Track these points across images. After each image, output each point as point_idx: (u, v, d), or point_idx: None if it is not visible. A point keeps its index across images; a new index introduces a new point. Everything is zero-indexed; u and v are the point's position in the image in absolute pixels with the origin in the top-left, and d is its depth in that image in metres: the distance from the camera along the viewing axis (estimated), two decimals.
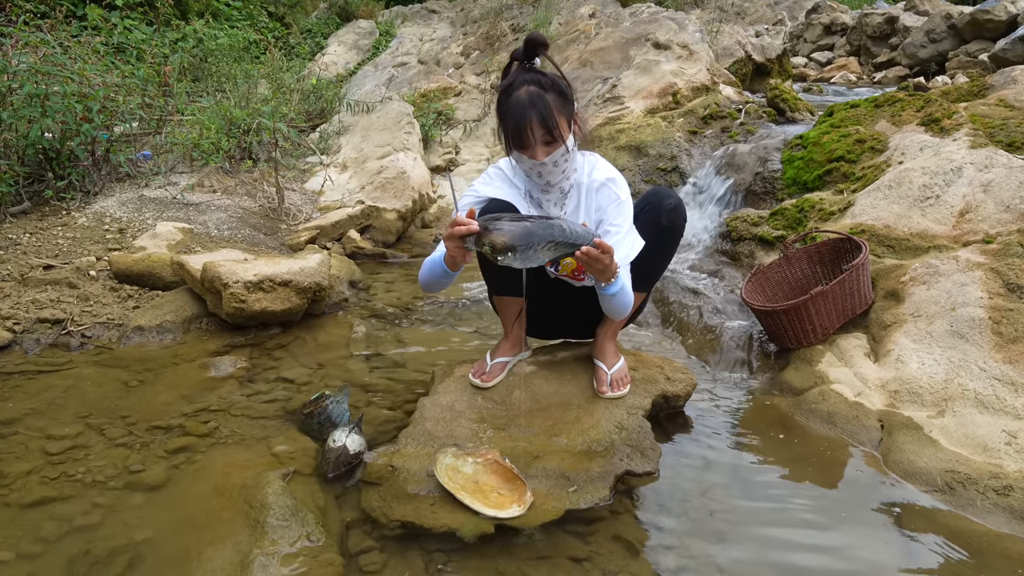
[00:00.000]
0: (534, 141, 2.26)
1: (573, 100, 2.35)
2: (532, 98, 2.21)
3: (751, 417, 3.00)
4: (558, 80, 2.29)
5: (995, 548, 2.15)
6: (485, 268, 2.69)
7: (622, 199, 2.42)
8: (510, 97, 2.25)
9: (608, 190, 2.44)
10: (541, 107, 2.21)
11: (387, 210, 5.53)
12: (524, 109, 2.21)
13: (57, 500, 2.21)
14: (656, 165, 5.62)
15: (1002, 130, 4.18)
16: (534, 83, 2.23)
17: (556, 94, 2.25)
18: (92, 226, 4.53)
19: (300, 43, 10.89)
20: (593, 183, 2.46)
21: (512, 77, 2.28)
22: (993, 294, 2.98)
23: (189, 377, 3.09)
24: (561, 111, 2.27)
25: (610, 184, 2.44)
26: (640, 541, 2.18)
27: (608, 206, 2.44)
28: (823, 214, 4.05)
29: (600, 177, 2.46)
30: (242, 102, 6.35)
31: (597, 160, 2.53)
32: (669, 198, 2.59)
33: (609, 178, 2.45)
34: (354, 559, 2.04)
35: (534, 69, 2.27)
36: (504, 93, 2.27)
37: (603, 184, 2.44)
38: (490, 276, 2.73)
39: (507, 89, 2.26)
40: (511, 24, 9.61)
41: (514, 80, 2.26)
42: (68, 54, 5.19)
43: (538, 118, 2.22)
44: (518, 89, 2.24)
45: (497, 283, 2.74)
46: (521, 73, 2.27)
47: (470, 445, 2.45)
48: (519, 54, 2.28)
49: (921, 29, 11.80)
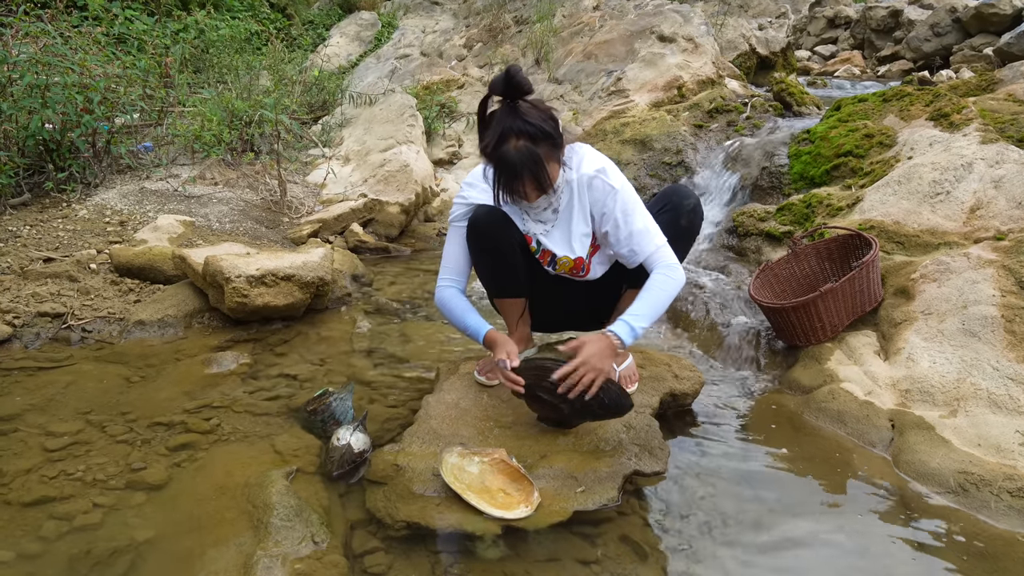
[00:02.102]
0: (526, 195, 2.26)
1: (561, 133, 2.25)
2: (524, 157, 2.13)
3: (760, 416, 2.97)
4: (546, 122, 2.17)
5: (1011, 552, 2.12)
6: (481, 272, 2.66)
7: (616, 187, 2.37)
8: (499, 149, 2.15)
9: (600, 182, 2.38)
10: (533, 166, 2.15)
11: (390, 203, 5.49)
12: (516, 168, 2.15)
13: (57, 499, 2.18)
14: (661, 159, 5.57)
15: (1012, 125, 4.14)
16: (523, 134, 2.13)
17: (546, 143, 2.17)
18: (93, 218, 4.49)
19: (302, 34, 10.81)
20: (583, 178, 2.40)
21: (499, 126, 2.15)
22: (1005, 292, 2.94)
23: (191, 373, 3.05)
24: (551, 157, 2.21)
25: (601, 176, 2.38)
26: (649, 543, 2.15)
27: (605, 199, 2.39)
28: (831, 210, 4.01)
29: (589, 170, 2.39)
30: (244, 94, 6.30)
31: (584, 153, 2.44)
32: (688, 198, 2.56)
33: (598, 169, 2.39)
34: (359, 560, 2.01)
35: (517, 111, 2.15)
36: (494, 143, 2.16)
37: (593, 176, 2.38)
38: (487, 281, 2.70)
39: (497, 141, 2.15)
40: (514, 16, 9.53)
41: (502, 130, 2.14)
42: (69, 44, 5.14)
43: (531, 177, 2.18)
44: (507, 142, 2.14)
45: (494, 288, 2.70)
46: (507, 118, 2.14)
47: (476, 444, 2.41)
48: (498, 88, 2.16)
49: (925, 23, 11.74)
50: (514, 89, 2.13)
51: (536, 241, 2.55)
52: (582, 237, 2.49)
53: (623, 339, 2.29)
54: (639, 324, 2.31)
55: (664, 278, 2.35)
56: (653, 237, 2.38)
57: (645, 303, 2.33)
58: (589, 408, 2.34)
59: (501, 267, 2.59)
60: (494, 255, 2.56)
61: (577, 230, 2.48)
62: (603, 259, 2.58)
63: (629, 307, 2.35)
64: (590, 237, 2.50)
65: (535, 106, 2.17)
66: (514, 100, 2.15)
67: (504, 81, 2.13)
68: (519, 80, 2.12)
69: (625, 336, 2.30)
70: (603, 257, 2.57)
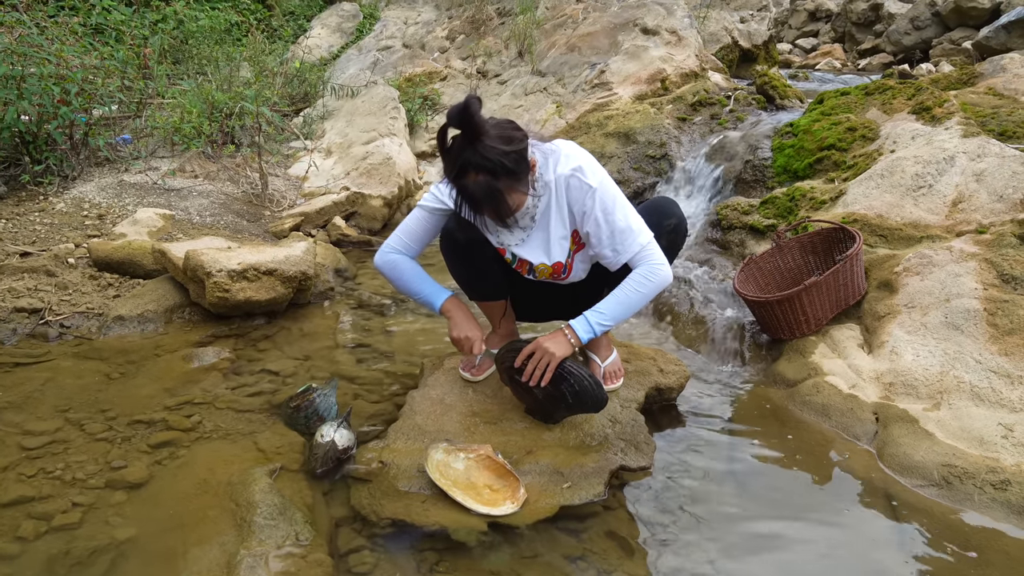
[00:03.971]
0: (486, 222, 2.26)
1: (526, 159, 2.17)
2: (483, 191, 2.07)
3: (745, 410, 2.97)
4: (507, 156, 2.06)
5: (994, 544, 2.13)
6: (457, 278, 2.64)
7: (594, 185, 2.26)
8: (459, 181, 2.09)
9: (576, 181, 2.28)
10: (492, 200, 2.09)
11: (373, 196, 5.45)
12: (476, 202, 2.11)
13: (35, 498, 2.14)
14: (645, 152, 5.56)
15: (993, 119, 4.16)
16: (483, 170, 2.05)
17: (507, 176, 2.08)
18: (70, 212, 4.43)
19: (283, 25, 10.71)
20: (560, 178, 2.30)
21: (458, 158, 2.06)
22: (987, 285, 2.96)
23: (172, 369, 3.02)
24: (514, 189, 2.14)
25: (577, 175, 2.28)
26: (635, 538, 2.14)
27: (583, 198, 2.28)
28: (814, 203, 4.01)
29: (565, 170, 2.29)
30: (224, 85, 6.23)
31: (559, 150, 2.34)
32: (670, 217, 2.49)
33: (574, 168, 2.28)
34: (344, 558, 2.00)
35: (476, 145, 2.03)
36: (453, 175, 2.09)
37: (570, 176, 2.28)
38: (464, 287, 2.67)
39: (456, 173, 2.08)
40: (497, 8, 9.48)
41: (460, 163, 2.06)
42: (45, 35, 5.06)
43: (491, 210, 2.14)
44: (466, 176, 2.07)
45: (472, 293, 2.69)
46: (466, 151, 2.04)
47: (462, 440, 2.40)
48: (454, 121, 2.02)
49: (905, 16, 11.80)
50: (468, 126, 2.02)
51: (511, 254, 2.48)
52: (560, 241, 2.40)
53: (579, 335, 2.29)
54: (599, 321, 2.30)
55: (642, 279, 2.28)
56: (637, 235, 2.28)
57: (613, 302, 2.30)
58: (562, 397, 2.35)
59: (477, 275, 2.59)
60: (469, 264, 2.54)
61: (555, 234, 2.39)
62: (586, 258, 2.48)
63: (597, 303, 2.33)
64: (568, 240, 2.41)
65: (493, 140, 2.06)
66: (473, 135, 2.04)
67: (459, 115, 2.01)
68: (474, 119, 2.01)
69: (581, 332, 2.30)
70: (585, 256, 2.47)
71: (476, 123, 2.01)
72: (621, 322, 2.39)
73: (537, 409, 2.50)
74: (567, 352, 2.30)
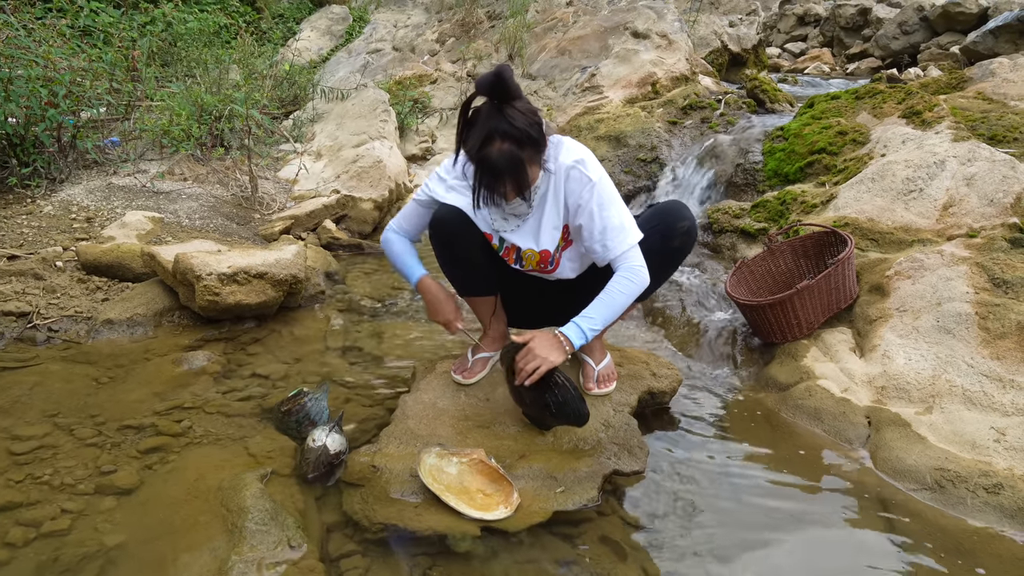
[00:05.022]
0: (505, 195, 2.23)
1: (544, 136, 2.20)
2: (507, 160, 2.09)
3: (737, 413, 2.97)
4: (531, 127, 2.12)
5: (986, 548, 2.14)
6: (445, 270, 2.63)
7: (594, 179, 2.28)
8: (483, 150, 2.10)
9: (578, 172, 2.29)
10: (515, 170, 2.12)
11: (363, 200, 5.43)
12: (499, 171, 2.12)
13: (24, 504, 2.11)
14: (636, 156, 5.57)
15: (983, 123, 4.18)
16: (508, 138, 2.07)
17: (530, 147, 2.13)
18: (58, 215, 4.39)
19: (272, 28, 10.69)
20: (561, 167, 2.32)
21: (485, 126, 2.09)
22: (979, 289, 2.97)
23: (161, 373, 2.99)
24: (533, 161, 2.18)
25: (579, 166, 2.29)
26: (628, 543, 2.14)
27: (581, 190, 2.30)
28: (805, 206, 4.02)
29: (568, 160, 2.31)
30: (213, 88, 6.20)
31: (562, 143, 2.36)
32: (683, 220, 2.48)
33: (577, 160, 2.30)
34: (335, 564, 1.98)
35: (503, 112, 2.07)
36: (478, 145, 2.10)
37: (571, 167, 2.30)
38: (451, 278, 2.66)
39: (482, 142, 2.09)
40: (487, 11, 9.48)
41: (487, 131, 2.08)
42: (32, 37, 5.03)
43: (512, 180, 2.15)
44: (491, 144, 2.08)
45: (460, 286, 2.67)
46: (493, 119, 2.08)
47: (454, 444, 2.39)
48: (485, 89, 2.08)
49: (894, 21, 11.88)
50: (503, 92, 2.06)
51: (499, 239, 2.49)
52: (552, 230, 2.42)
53: (572, 341, 2.30)
54: (590, 327, 2.31)
55: (625, 281, 2.30)
56: (627, 235, 2.31)
57: (601, 305, 2.31)
58: (547, 407, 2.37)
59: (463, 265, 2.57)
60: (455, 252, 2.52)
61: (548, 223, 2.41)
62: (574, 255, 2.49)
63: (585, 308, 2.34)
64: (560, 230, 2.42)
65: (521, 108, 2.11)
66: (501, 103, 2.09)
67: (493, 82, 2.05)
68: (509, 85, 2.05)
69: (574, 338, 2.30)
70: (575, 254, 2.49)
71: (510, 88, 2.06)
72: (609, 324, 2.40)
73: (530, 414, 2.50)
74: (561, 358, 2.30)
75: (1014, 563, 2.07)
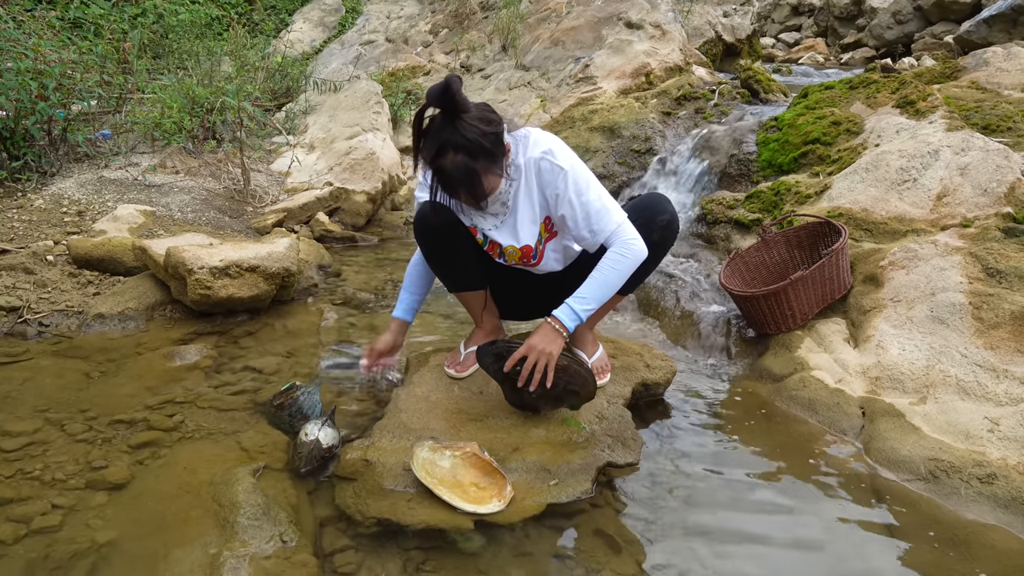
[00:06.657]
0: (462, 205, 2.26)
1: (502, 143, 2.19)
2: (462, 172, 2.09)
3: (731, 404, 2.97)
4: (485, 137, 2.09)
5: (980, 538, 2.14)
6: (432, 266, 2.61)
7: (565, 168, 2.26)
8: (436, 161, 2.09)
9: (547, 163, 2.27)
10: (469, 181, 2.11)
11: (356, 192, 5.41)
12: (454, 184, 2.13)
13: (14, 500, 2.10)
14: (630, 147, 5.55)
15: (977, 112, 4.17)
16: (461, 149, 2.06)
17: (484, 157, 2.11)
18: (49, 209, 4.36)
19: (264, 20, 10.64)
20: (530, 161, 2.29)
21: (437, 138, 2.08)
22: (973, 279, 2.96)
23: (153, 367, 2.97)
24: (490, 171, 2.16)
25: (548, 157, 2.27)
26: (622, 536, 2.13)
27: (555, 180, 2.27)
28: (799, 197, 4.01)
29: (535, 153, 2.28)
30: (205, 80, 6.17)
31: (529, 135, 2.33)
32: (663, 213, 2.46)
33: (545, 151, 2.27)
34: (329, 559, 1.97)
35: (455, 123, 2.05)
36: (431, 156, 2.10)
37: (540, 159, 2.27)
38: (439, 274, 2.64)
39: (435, 153, 2.08)
40: (480, 2, 9.44)
41: (439, 143, 2.07)
42: (22, 29, 5.00)
43: (468, 192, 2.15)
44: (444, 156, 2.07)
45: (448, 282, 2.65)
46: (445, 130, 2.07)
47: (447, 437, 2.38)
48: (435, 100, 2.04)
49: (888, 10, 11.86)
50: (450, 104, 2.04)
51: (482, 234, 2.48)
52: (530, 224, 2.39)
53: (565, 324, 2.27)
54: (582, 307, 2.28)
55: (618, 256, 2.26)
56: (612, 214, 2.28)
57: (593, 284, 2.28)
58: (555, 394, 2.34)
59: (450, 261, 2.55)
60: (440, 249, 2.51)
61: (524, 217, 2.38)
62: (558, 247, 2.48)
63: (577, 289, 2.31)
64: (539, 224, 2.40)
65: (473, 119, 2.08)
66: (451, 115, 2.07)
67: (441, 94, 2.03)
68: (456, 98, 2.03)
69: (567, 320, 2.27)
70: (559, 246, 2.47)
71: (458, 101, 2.04)
72: (603, 303, 2.35)
73: (519, 403, 2.48)
74: (560, 346, 2.28)
75: (1008, 553, 2.07)
